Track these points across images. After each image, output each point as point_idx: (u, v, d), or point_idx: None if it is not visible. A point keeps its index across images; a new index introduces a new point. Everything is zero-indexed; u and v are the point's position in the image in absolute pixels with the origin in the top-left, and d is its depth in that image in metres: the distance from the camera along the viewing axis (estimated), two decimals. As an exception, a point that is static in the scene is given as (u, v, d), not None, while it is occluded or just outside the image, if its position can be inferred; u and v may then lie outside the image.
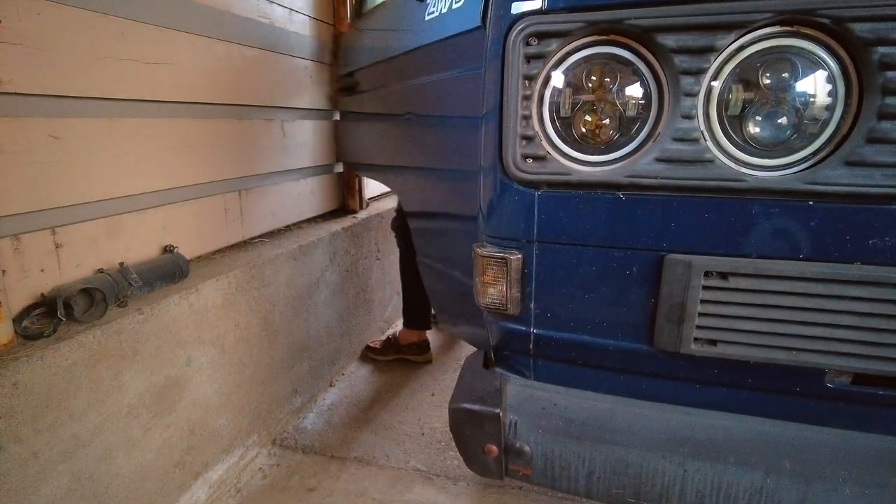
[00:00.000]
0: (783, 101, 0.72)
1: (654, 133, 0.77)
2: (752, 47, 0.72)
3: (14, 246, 1.03)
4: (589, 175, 0.80)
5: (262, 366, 1.64)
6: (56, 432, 0.99)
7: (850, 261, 0.72)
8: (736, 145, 0.75)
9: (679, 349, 0.81)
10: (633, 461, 0.78)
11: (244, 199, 1.72)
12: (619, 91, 0.78)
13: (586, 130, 0.81)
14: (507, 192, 0.86)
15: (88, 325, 1.09)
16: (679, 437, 0.80)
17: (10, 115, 1.01)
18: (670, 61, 0.73)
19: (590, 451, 0.80)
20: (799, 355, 0.77)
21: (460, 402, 0.87)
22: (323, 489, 1.50)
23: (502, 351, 0.99)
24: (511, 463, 0.84)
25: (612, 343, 0.87)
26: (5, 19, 0.98)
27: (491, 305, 0.92)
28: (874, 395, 0.78)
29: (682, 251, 0.78)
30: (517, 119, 0.81)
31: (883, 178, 0.68)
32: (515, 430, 0.84)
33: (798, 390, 0.81)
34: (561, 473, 0.83)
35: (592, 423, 0.83)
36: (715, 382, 0.85)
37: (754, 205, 0.74)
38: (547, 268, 0.87)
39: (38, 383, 0.96)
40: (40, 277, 1.08)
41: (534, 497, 1.44)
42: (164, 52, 1.34)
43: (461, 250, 1.05)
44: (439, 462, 1.60)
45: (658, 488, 0.78)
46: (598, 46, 0.78)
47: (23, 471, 0.94)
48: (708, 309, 0.78)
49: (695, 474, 0.76)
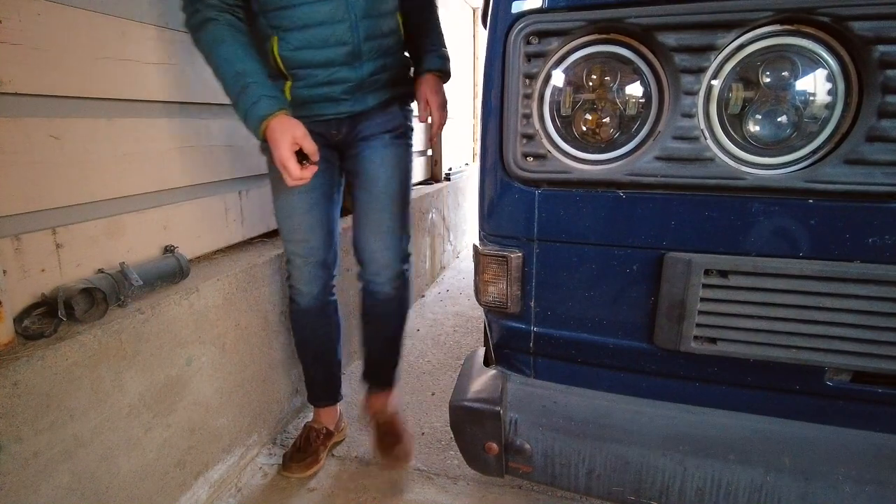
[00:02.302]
0: (783, 100, 0.73)
1: (654, 131, 0.78)
2: (752, 46, 0.72)
3: (14, 246, 1.03)
4: (589, 173, 0.81)
5: (262, 365, 1.64)
6: (56, 432, 0.99)
7: (850, 259, 0.72)
8: (736, 144, 0.75)
9: (679, 347, 0.81)
10: (634, 459, 0.78)
11: (244, 199, 1.72)
12: (620, 89, 0.78)
13: (587, 129, 0.81)
14: (507, 191, 0.86)
15: (89, 325, 1.09)
16: (679, 435, 0.80)
17: (10, 115, 1.01)
18: (670, 60, 0.73)
19: (590, 449, 0.80)
20: (799, 353, 0.77)
21: (461, 400, 0.87)
22: (323, 489, 1.50)
23: (502, 349, 0.99)
24: (511, 461, 0.85)
25: (612, 341, 0.87)
26: (5, 19, 0.98)
27: (491, 304, 0.92)
28: (874, 392, 0.78)
29: (683, 249, 0.78)
30: (518, 117, 0.81)
31: (883, 176, 0.68)
32: (516, 427, 0.84)
33: (798, 388, 0.81)
34: (561, 471, 0.83)
35: (592, 420, 0.83)
36: (715, 380, 0.85)
37: (754, 203, 0.74)
38: (547, 266, 0.87)
39: (38, 383, 0.96)
40: (41, 277, 1.08)
41: (534, 496, 1.44)
42: (165, 52, 1.34)
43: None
44: (439, 461, 1.60)
45: (658, 486, 0.78)
46: (598, 45, 0.78)
47: (23, 470, 0.94)
48: (708, 307, 0.78)
49: (695, 472, 0.76)
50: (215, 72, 1.16)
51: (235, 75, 1.13)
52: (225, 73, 1.14)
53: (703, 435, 0.80)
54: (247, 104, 1.13)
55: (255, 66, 1.14)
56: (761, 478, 0.73)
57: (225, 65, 1.14)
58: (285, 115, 1.14)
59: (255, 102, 1.12)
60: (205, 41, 1.15)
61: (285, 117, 1.14)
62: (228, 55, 1.13)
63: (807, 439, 0.78)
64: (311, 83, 1.28)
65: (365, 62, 1.29)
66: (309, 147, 1.15)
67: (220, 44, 1.13)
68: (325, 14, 1.20)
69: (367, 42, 1.27)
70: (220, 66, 1.14)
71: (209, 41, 1.14)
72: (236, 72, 1.12)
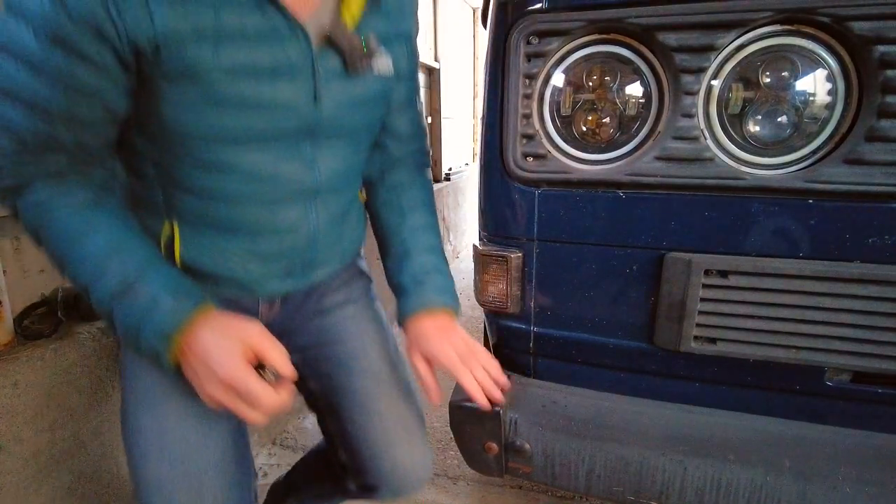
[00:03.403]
0: (783, 100, 0.73)
1: (654, 132, 0.78)
2: (751, 46, 0.72)
3: (14, 246, 1.03)
4: (589, 173, 0.81)
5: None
6: (56, 432, 0.99)
7: (850, 259, 0.72)
8: (736, 144, 0.75)
9: (679, 347, 0.81)
10: (633, 459, 0.78)
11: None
12: (620, 90, 0.78)
13: (587, 129, 0.81)
14: (507, 191, 0.86)
15: (89, 325, 1.09)
16: (679, 435, 0.80)
17: (10, 114, 1.01)
18: (670, 60, 0.73)
19: (590, 449, 0.80)
20: (799, 353, 0.77)
21: (461, 400, 0.87)
22: (323, 488, 1.50)
23: (502, 349, 0.99)
24: (511, 461, 0.85)
25: (612, 341, 0.87)
26: (5, 19, 0.98)
27: (491, 304, 0.92)
28: (874, 393, 0.78)
29: (683, 249, 0.78)
30: (518, 118, 0.81)
31: (883, 176, 0.68)
32: (516, 427, 0.84)
33: (798, 388, 0.81)
34: (561, 471, 0.83)
35: (592, 420, 0.83)
36: (715, 380, 0.85)
37: (754, 203, 0.74)
38: (547, 266, 0.87)
39: (38, 383, 0.96)
40: (40, 278, 1.08)
41: (533, 496, 1.44)
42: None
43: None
44: (439, 461, 1.60)
45: (658, 486, 0.78)
46: (598, 45, 0.78)
47: (23, 470, 0.94)
48: (708, 307, 0.78)
49: (694, 472, 0.76)
50: (52, 257, 0.62)
51: (97, 260, 0.60)
52: (75, 257, 0.60)
53: (703, 435, 0.80)
54: (134, 310, 0.59)
55: (134, 240, 0.63)
56: (761, 478, 0.73)
57: (74, 245, 0.60)
58: (210, 312, 0.61)
59: (151, 308, 0.59)
60: (29, 215, 0.61)
61: (212, 315, 0.61)
62: (76, 229, 0.60)
63: (807, 439, 0.78)
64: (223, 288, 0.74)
65: (317, 269, 0.81)
66: (276, 358, 0.61)
67: (59, 218, 0.60)
68: (286, 220, 0.71)
69: (323, 252, 0.79)
70: (62, 247, 0.61)
71: (36, 214, 0.60)
72: (98, 254, 0.60)
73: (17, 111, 0.53)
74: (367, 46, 0.68)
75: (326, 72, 0.65)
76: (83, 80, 0.54)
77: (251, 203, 0.68)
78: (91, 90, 0.55)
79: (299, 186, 0.70)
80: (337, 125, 0.70)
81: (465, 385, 0.74)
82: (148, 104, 0.60)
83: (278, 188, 0.68)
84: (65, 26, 0.50)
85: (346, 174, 0.76)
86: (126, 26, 0.52)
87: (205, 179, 0.65)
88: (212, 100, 0.59)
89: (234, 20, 0.57)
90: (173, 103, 0.59)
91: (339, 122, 0.70)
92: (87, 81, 0.54)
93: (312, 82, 0.65)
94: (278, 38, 0.61)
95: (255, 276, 0.74)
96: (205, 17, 0.56)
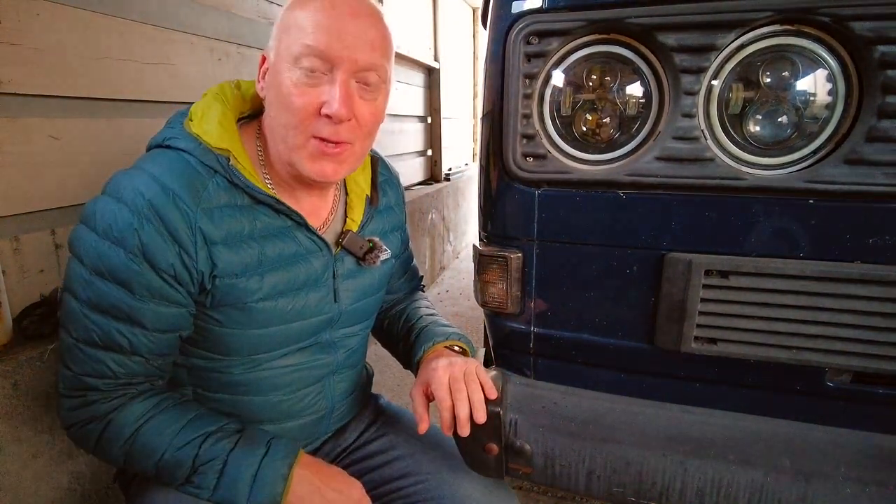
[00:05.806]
0: (783, 100, 0.73)
1: (654, 132, 0.78)
2: (752, 46, 0.72)
3: (14, 246, 1.03)
4: (589, 173, 0.80)
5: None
6: (56, 432, 0.99)
7: (850, 259, 0.72)
8: (736, 144, 0.75)
9: (679, 348, 0.81)
10: (634, 459, 0.78)
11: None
12: (620, 90, 0.78)
13: (587, 129, 0.81)
14: (507, 191, 0.86)
15: (88, 324, 1.08)
16: (679, 436, 0.80)
17: (10, 115, 1.00)
18: (671, 60, 0.73)
19: (590, 450, 0.80)
20: (799, 354, 0.77)
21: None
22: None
23: (502, 350, 0.99)
24: (511, 461, 0.84)
25: (612, 342, 0.87)
26: (5, 19, 0.98)
27: (491, 304, 0.92)
28: (874, 393, 0.78)
29: (683, 250, 0.78)
30: (518, 118, 0.81)
31: (883, 176, 0.68)
32: (516, 428, 0.84)
33: (798, 389, 0.81)
34: (561, 472, 0.83)
35: (593, 421, 0.83)
36: (715, 381, 0.85)
37: (754, 203, 0.74)
38: (547, 266, 0.87)
39: (38, 383, 0.95)
40: (40, 278, 1.08)
41: (534, 496, 1.44)
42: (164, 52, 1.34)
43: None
44: (439, 461, 1.60)
45: (658, 486, 0.78)
46: (598, 45, 0.78)
47: (23, 471, 0.94)
48: (708, 307, 0.78)
49: (695, 472, 0.76)
50: (143, 463, 0.67)
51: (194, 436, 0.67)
52: (167, 445, 0.66)
53: (704, 435, 0.80)
54: (246, 463, 0.66)
55: (210, 415, 0.72)
56: (761, 478, 0.73)
57: (164, 435, 0.67)
58: (309, 458, 0.71)
59: (266, 453, 0.67)
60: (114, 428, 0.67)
61: (311, 460, 0.71)
62: (164, 422, 0.68)
63: (807, 440, 0.78)
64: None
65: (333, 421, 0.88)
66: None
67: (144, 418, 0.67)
68: (306, 402, 0.81)
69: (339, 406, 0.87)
70: (154, 442, 0.67)
71: (122, 425, 0.67)
72: (192, 431, 0.67)
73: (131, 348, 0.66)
74: (372, 244, 0.80)
75: (342, 273, 0.78)
76: (168, 313, 0.66)
77: (279, 392, 0.78)
78: (173, 320, 0.67)
79: (320, 372, 0.81)
80: (352, 314, 0.82)
81: (441, 416, 0.74)
82: (201, 329, 0.71)
83: (303, 377, 0.80)
84: (154, 281, 0.64)
85: (358, 349, 0.88)
86: (197, 269, 0.65)
87: (242, 377, 0.75)
88: (256, 322, 0.71)
89: (275, 250, 0.70)
90: (221, 325, 0.70)
91: (354, 311, 0.82)
92: (170, 312, 0.67)
93: (332, 283, 0.77)
94: (308, 256, 0.74)
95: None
96: (253, 254, 0.69)
